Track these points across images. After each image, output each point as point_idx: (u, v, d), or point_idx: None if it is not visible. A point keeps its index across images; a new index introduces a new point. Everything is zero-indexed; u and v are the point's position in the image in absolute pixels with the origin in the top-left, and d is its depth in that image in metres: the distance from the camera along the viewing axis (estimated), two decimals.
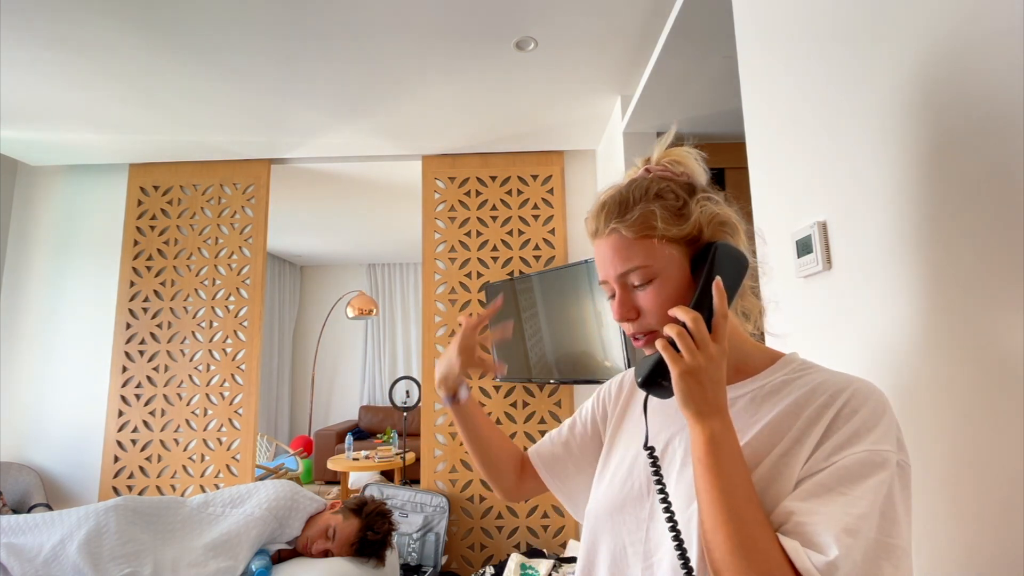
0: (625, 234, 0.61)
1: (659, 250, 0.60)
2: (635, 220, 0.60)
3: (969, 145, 0.65)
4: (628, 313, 0.62)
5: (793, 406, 0.57)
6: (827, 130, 0.95)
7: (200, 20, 1.87)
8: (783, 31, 1.10)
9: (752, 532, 0.49)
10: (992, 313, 0.63)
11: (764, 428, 0.58)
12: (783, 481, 0.54)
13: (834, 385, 0.57)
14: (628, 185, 0.65)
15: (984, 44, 0.63)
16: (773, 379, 0.62)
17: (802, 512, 0.50)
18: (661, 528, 0.59)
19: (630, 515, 0.64)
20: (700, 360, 0.54)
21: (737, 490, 0.51)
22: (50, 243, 3.09)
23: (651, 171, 0.66)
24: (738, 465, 0.52)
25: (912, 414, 0.76)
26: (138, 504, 1.77)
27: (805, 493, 0.51)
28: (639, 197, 0.62)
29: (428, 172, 3.11)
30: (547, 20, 1.89)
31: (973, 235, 0.65)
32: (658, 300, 0.60)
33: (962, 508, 0.68)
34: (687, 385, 0.54)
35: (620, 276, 0.62)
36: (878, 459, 0.51)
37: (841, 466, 0.51)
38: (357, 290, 5.99)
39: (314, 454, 5.19)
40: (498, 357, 2.84)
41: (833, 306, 0.95)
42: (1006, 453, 0.61)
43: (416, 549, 2.68)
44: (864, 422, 0.53)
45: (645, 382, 0.59)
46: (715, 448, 0.53)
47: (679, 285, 0.60)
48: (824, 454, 0.52)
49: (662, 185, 0.63)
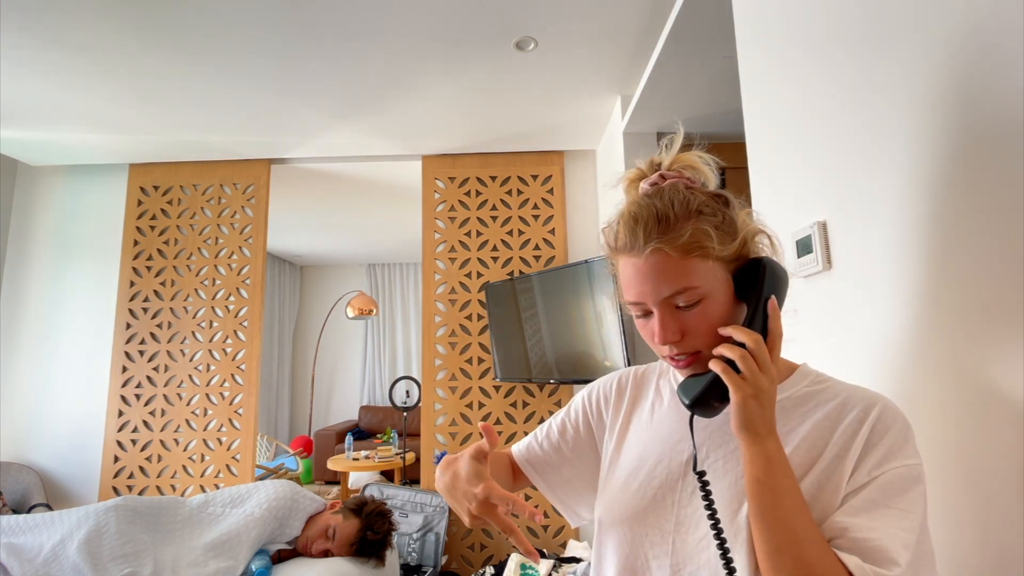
0: (671, 253, 0.56)
1: (708, 270, 0.57)
2: (686, 239, 0.56)
3: (970, 145, 0.65)
4: (674, 336, 0.58)
5: (826, 420, 0.58)
6: (827, 130, 0.95)
7: (200, 20, 1.87)
8: (783, 31, 1.10)
9: (816, 551, 0.50)
10: (992, 313, 0.63)
11: (801, 442, 0.58)
12: (827, 495, 0.54)
13: (862, 400, 0.58)
14: (659, 197, 0.60)
15: (986, 44, 0.63)
16: (796, 390, 0.62)
17: (857, 528, 0.51)
18: (692, 541, 0.59)
19: (653, 526, 0.62)
20: (763, 383, 0.53)
21: (799, 510, 0.52)
22: (50, 243, 3.09)
23: (666, 177, 0.63)
24: (794, 484, 0.53)
25: (912, 414, 0.76)
26: (138, 504, 1.77)
27: (855, 509, 0.52)
28: (682, 213, 0.58)
29: (428, 172, 3.11)
30: (547, 20, 1.89)
31: (973, 235, 0.65)
32: (706, 322, 0.57)
33: (962, 508, 0.68)
34: (750, 408, 0.53)
35: (665, 298, 0.57)
36: (915, 473, 0.53)
37: (886, 481, 0.53)
38: (357, 290, 5.99)
39: (314, 454, 5.19)
40: (498, 357, 2.84)
41: (833, 306, 0.95)
42: (1007, 454, 0.61)
43: (416, 549, 2.68)
44: (897, 438, 0.55)
45: (696, 403, 0.57)
46: (773, 469, 0.53)
47: (725, 304, 0.58)
48: (867, 468, 0.54)
49: (699, 199, 0.59)
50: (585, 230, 3.06)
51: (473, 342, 2.99)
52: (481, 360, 2.98)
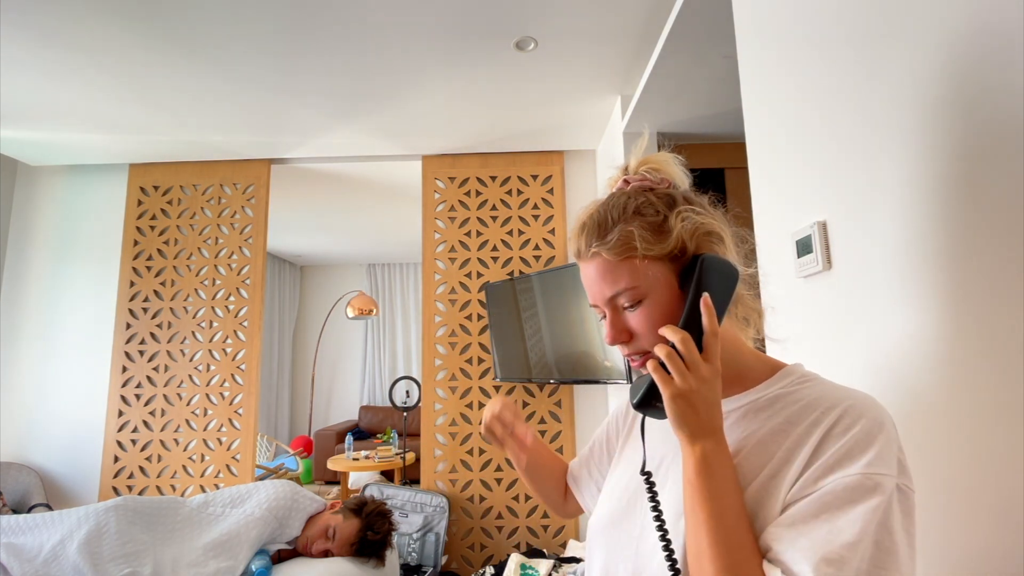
0: (607, 257, 0.58)
1: (644, 270, 0.58)
2: (615, 242, 0.58)
3: (971, 144, 0.65)
4: (620, 336, 0.60)
5: (784, 423, 0.55)
6: (827, 130, 0.95)
7: (200, 20, 1.87)
8: (783, 31, 1.10)
9: (739, 558, 0.48)
10: (993, 313, 0.63)
11: (755, 446, 0.56)
12: (771, 504, 0.52)
13: (827, 400, 0.54)
14: (606, 203, 0.62)
15: (986, 43, 0.63)
16: (768, 392, 0.59)
17: (784, 539, 0.48)
18: (648, 546, 0.59)
19: (623, 531, 0.64)
20: (691, 382, 0.53)
21: (727, 513, 0.50)
22: (50, 243, 3.09)
23: (629, 182, 0.64)
24: (729, 488, 0.51)
25: (914, 414, 0.76)
26: (138, 504, 1.77)
27: (790, 518, 0.49)
28: (617, 217, 0.60)
29: (428, 172, 3.11)
30: (547, 20, 1.89)
31: (974, 234, 0.65)
32: (649, 321, 0.58)
33: (968, 512, 0.68)
34: (678, 407, 0.53)
35: (609, 300, 0.60)
36: (870, 483, 0.47)
37: (828, 491, 0.48)
38: (357, 290, 5.99)
39: (314, 454, 5.19)
40: (498, 357, 2.84)
41: (833, 306, 0.95)
42: (1012, 455, 0.61)
43: (416, 549, 2.68)
44: (857, 442, 0.50)
45: (639, 404, 0.58)
46: (706, 470, 0.52)
47: (669, 303, 0.58)
48: (812, 476, 0.50)
49: (641, 200, 0.60)
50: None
51: (473, 342, 2.99)
52: (481, 360, 2.98)
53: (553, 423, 2.91)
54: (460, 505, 2.87)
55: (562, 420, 2.91)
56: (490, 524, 2.85)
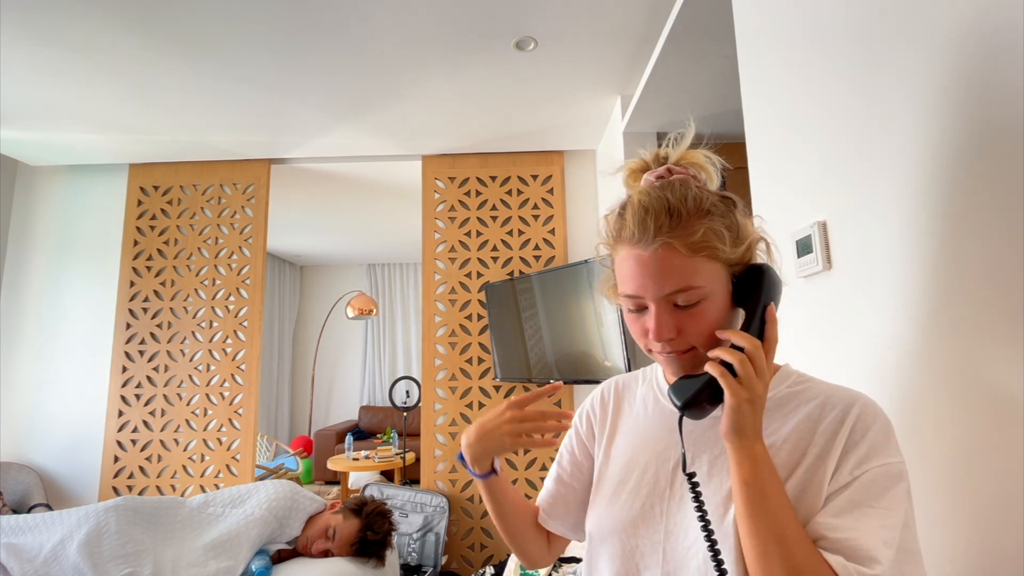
0: (680, 250, 0.55)
1: (714, 272, 0.56)
2: (698, 238, 0.55)
3: (971, 144, 0.65)
4: (670, 333, 0.57)
5: (807, 420, 0.58)
6: (827, 130, 0.95)
7: (200, 20, 1.87)
8: (783, 31, 1.10)
9: (804, 553, 0.50)
10: (992, 314, 0.63)
11: (784, 444, 0.58)
12: (811, 496, 0.54)
13: (842, 400, 0.58)
14: (670, 190, 0.58)
15: (986, 43, 0.63)
16: (778, 392, 0.62)
17: (840, 528, 0.51)
18: (682, 549, 0.59)
19: (643, 536, 0.62)
20: (759, 389, 0.54)
21: (785, 511, 0.52)
22: (50, 243, 3.09)
23: (673, 172, 0.62)
24: (780, 487, 0.53)
25: (912, 414, 0.76)
26: (138, 504, 1.77)
27: (837, 509, 0.52)
28: (694, 210, 0.56)
29: (428, 172, 3.11)
30: (547, 20, 1.89)
31: (974, 235, 0.65)
32: (704, 323, 0.57)
33: (962, 509, 0.68)
34: (744, 412, 0.53)
35: (666, 295, 0.56)
36: (895, 471, 0.53)
37: (867, 480, 0.53)
38: (357, 290, 5.99)
39: (314, 454, 5.19)
40: (498, 357, 2.84)
41: (833, 306, 0.95)
42: (1007, 455, 0.61)
43: (416, 549, 2.68)
44: (877, 436, 0.55)
45: (687, 404, 0.57)
46: (760, 471, 0.53)
47: (724, 306, 0.58)
48: (848, 468, 0.54)
49: (711, 199, 0.58)
50: (585, 230, 3.06)
51: (473, 342, 2.99)
52: (481, 360, 2.98)
53: None
54: (460, 505, 2.87)
55: None
56: (490, 524, 2.85)
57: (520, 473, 2.88)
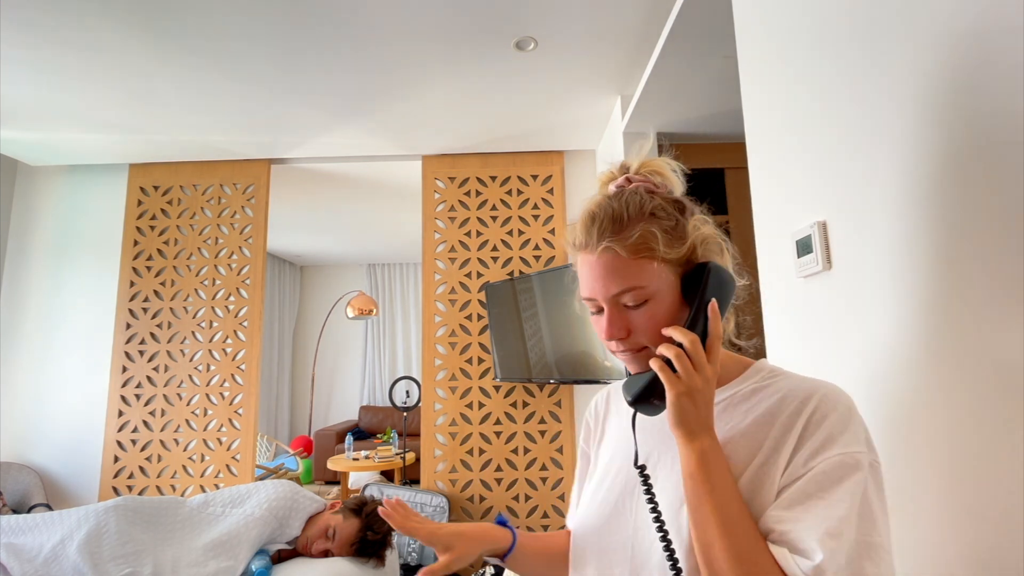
0: (621, 253, 0.59)
1: (655, 272, 0.59)
2: (635, 240, 0.59)
3: (971, 145, 0.65)
4: (620, 332, 0.61)
5: (766, 415, 0.58)
6: (827, 130, 0.95)
7: (200, 20, 1.87)
8: (783, 31, 1.10)
9: (746, 543, 0.51)
10: (992, 314, 0.63)
11: (741, 438, 0.59)
12: (766, 490, 0.55)
13: (803, 391, 0.58)
14: (619, 199, 0.62)
15: (986, 43, 0.63)
16: (744, 387, 0.63)
17: (786, 520, 0.52)
18: (646, 544, 0.60)
19: (616, 533, 0.64)
20: (697, 382, 0.55)
21: (730, 503, 0.53)
22: (50, 243, 3.09)
23: (632, 180, 0.65)
24: (728, 479, 0.54)
25: (912, 414, 0.76)
26: (138, 504, 1.77)
27: (788, 501, 0.53)
28: (635, 215, 0.60)
29: (428, 172, 3.11)
30: (547, 20, 1.89)
31: (974, 236, 0.65)
32: (651, 321, 0.60)
33: (963, 508, 0.68)
34: (683, 405, 0.55)
35: (614, 296, 0.60)
36: (851, 461, 0.52)
37: (818, 471, 0.52)
38: (357, 290, 5.99)
39: (314, 454, 5.19)
40: (498, 357, 2.84)
41: (833, 306, 0.95)
42: (1007, 454, 0.61)
43: (416, 549, 2.68)
44: (834, 426, 0.54)
45: (636, 400, 0.59)
46: (706, 464, 0.54)
47: (671, 305, 0.60)
48: (801, 460, 0.54)
49: (655, 202, 0.62)
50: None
51: (473, 342, 2.99)
52: (481, 360, 2.98)
53: (553, 423, 2.91)
54: (460, 505, 2.87)
55: (562, 420, 2.91)
56: None
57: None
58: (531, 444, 2.90)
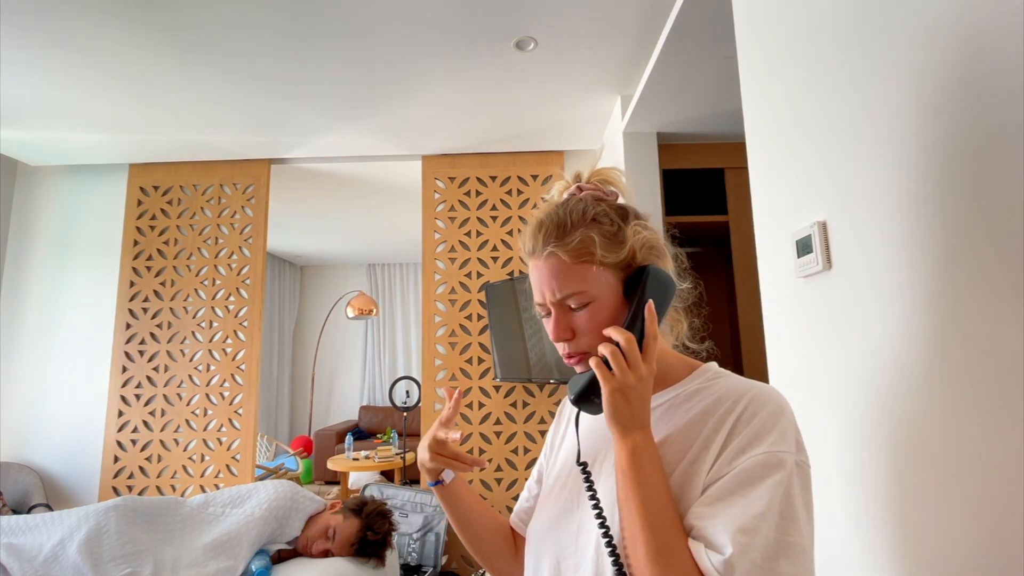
0: (564, 258, 0.61)
1: (596, 275, 0.61)
2: (575, 245, 0.61)
3: (971, 145, 0.65)
4: (564, 334, 0.63)
5: (701, 414, 0.60)
6: (827, 130, 0.95)
7: (200, 20, 1.87)
8: (783, 31, 1.10)
9: (667, 538, 0.52)
10: (992, 314, 0.63)
11: (677, 436, 0.61)
12: (693, 487, 0.56)
13: (736, 391, 0.60)
14: (564, 206, 0.65)
15: (987, 43, 0.63)
16: (687, 388, 0.65)
17: (705, 516, 0.53)
18: (586, 537, 0.61)
19: (564, 530, 0.65)
20: (631, 379, 0.57)
21: (656, 499, 0.54)
22: (50, 243, 3.09)
23: (583, 189, 0.68)
24: (657, 476, 0.55)
25: (912, 414, 0.76)
26: (138, 504, 1.77)
27: (710, 497, 0.54)
28: (577, 221, 0.63)
29: (428, 172, 3.11)
30: (547, 20, 1.89)
31: (974, 236, 0.65)
32: (593, 323, 0.62)
33: (963, 510, 0.68)
34: (616, 402, 0.57)
35: (559, 300, 0.62)
36: (774, 460, 0.53)
37: (741, 469, 0.54)
38: (357, 290, 5.99)
39: (314, 454, 5.19)
40: (498, 357, 2.84)
41: (833, 306, 0.95)
42: (1007, 455, 0.61)
43: (416, 549, 2.68)
44: (763, 425, 0.56)
45: (578, 399, 0.62)
46: (636, 460, 0.56)
47: (613, 307, 0.62)
48: (727, 458, 0.55)
49: (598, 209, 0.64)
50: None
51: (473, 342, 2.99)
52: (481, 360, 2.98)
53: None
54: None
55: None
56: None
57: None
58: (531, 444, 2.90)
